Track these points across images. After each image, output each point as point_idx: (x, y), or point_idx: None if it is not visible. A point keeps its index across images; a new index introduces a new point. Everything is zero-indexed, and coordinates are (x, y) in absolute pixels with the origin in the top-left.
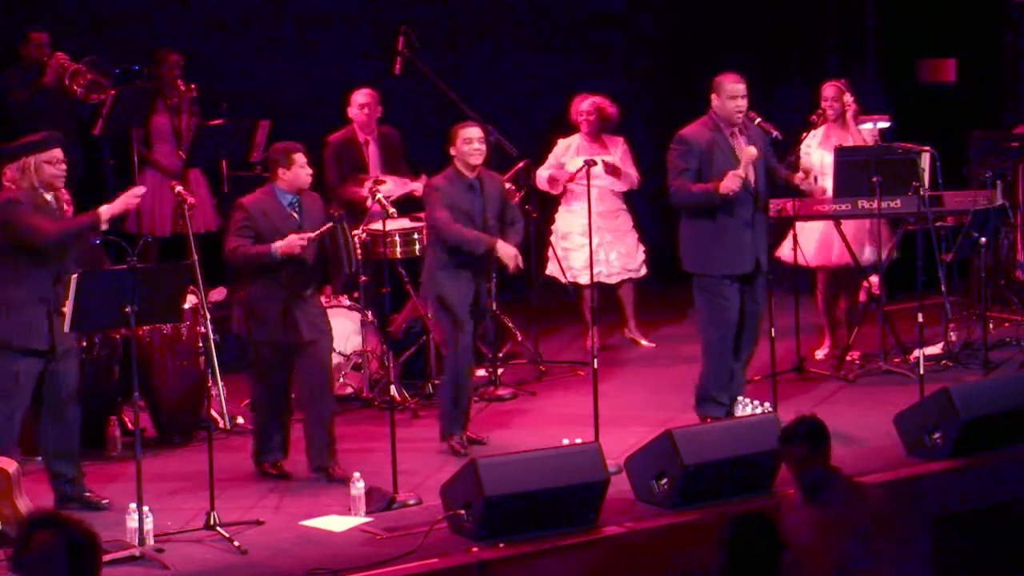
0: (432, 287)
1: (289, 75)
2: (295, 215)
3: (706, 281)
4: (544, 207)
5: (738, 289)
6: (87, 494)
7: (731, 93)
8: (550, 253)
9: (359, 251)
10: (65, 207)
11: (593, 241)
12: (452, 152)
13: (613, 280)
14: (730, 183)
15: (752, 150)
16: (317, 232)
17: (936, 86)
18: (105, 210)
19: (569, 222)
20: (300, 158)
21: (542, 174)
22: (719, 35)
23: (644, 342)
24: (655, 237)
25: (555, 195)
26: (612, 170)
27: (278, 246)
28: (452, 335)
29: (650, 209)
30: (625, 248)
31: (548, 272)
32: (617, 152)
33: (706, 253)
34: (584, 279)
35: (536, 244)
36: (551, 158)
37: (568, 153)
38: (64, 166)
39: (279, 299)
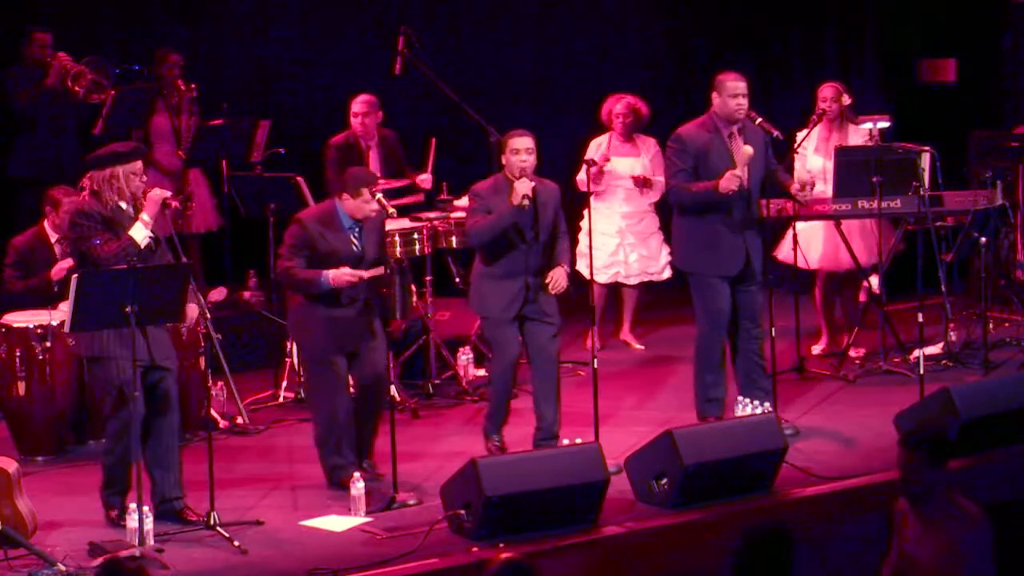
0: (476, 297)
1: (289, 75)
2: (355, 241)
3: (698, 278)
4: (569, 206)
5: (729, 287)
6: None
7: (732, 92)
8: (578, 250)
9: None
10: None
11: (613, 241)
12: (502, 160)
13: (631, 281)
14: (729, 183)
15: (748, 149)
16: (371, 272)
17: (936, 86)
18: (136, 230)
19: (595, 220)
20: (367, 193)
21: (583, 178)
22: (719, 35)
23: (637, 346)
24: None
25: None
26: (643, 183)
27: (329, 276)
28: (495, 345)
29: (664, 212)
30: (647, 250)
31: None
32: (649, 154)
33: (698, 253)
34: (601, 278)
35: None
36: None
37: (599, 152)
38: (145, 177)
39: (328, 312)
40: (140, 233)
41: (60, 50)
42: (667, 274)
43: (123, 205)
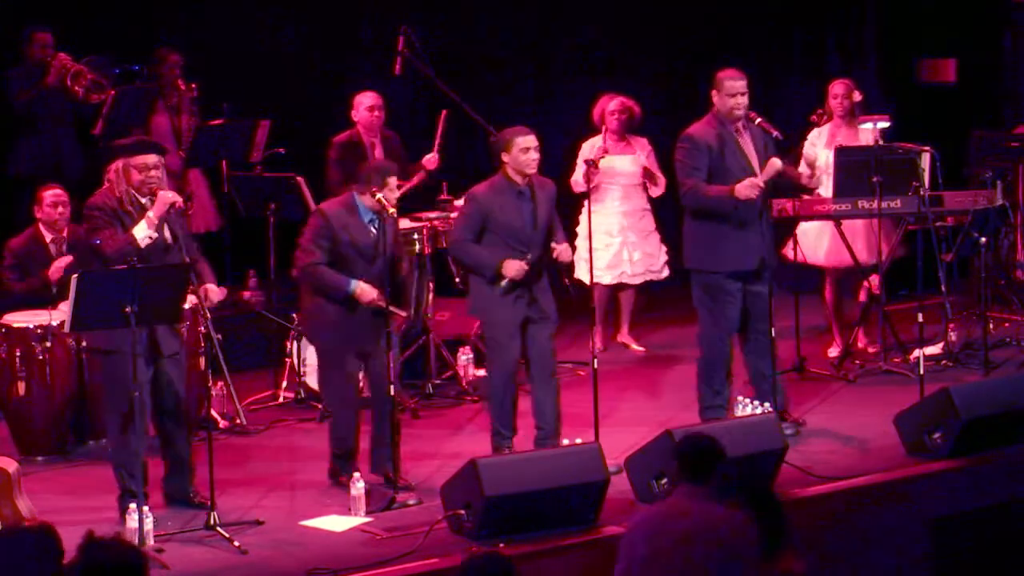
0: (479, 300)
1: (290, 74)
2: (374, 231)
3: (708, 278)
4: (567, 209)
5: (741, 287)
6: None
7: (731, 91)
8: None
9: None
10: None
11: (616, 241)
12: (504, 159)
13: (636, 280)
14: (748, 191)
15: (777, 162)
16: (394, 309)
17: (936, 86)
18: (139, 228)
19: (593, 222)
20: (393, 182)
21: (578, 178)
22: (719, 35)
23: (635, 347)
24: (676, 238)
25: (580, 195)
26: (649, 175)
27: (355, 288)
28: (493, 354)
29: (672, 210)
30: (649, 248)
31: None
32: (643, 153)
33: (711, 250)
34: (606, 279)
35: None
36: (580, 161)
37: (593, 152)
38: (156, 172)
39: (350, 309)
40: (142, 232)
41: (60, 50)
42: (666, 272)
43: (142, 200)
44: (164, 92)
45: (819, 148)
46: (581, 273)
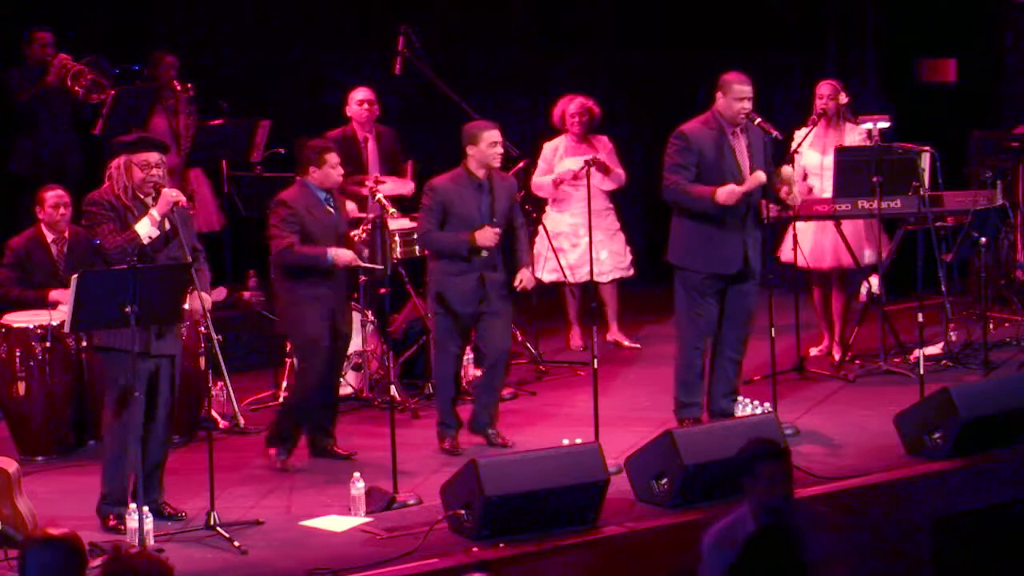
0: (433, 289)
1: (289, 75)
2: (332, 210)
3: (688, 276)
4: (542, 208)
5: (719, 290)
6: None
7: (738, 95)
8: (549, 254)
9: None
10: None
11: (583, 241)
12: (470, 151)
13: (605, 279)
14: (728, 197)
15: (761, 176)
16: (368, 265)
17: (936, 86)
18: (141, 224)
19: (557, 223)
20: (332, 158)
21: (542, 181)
22: (718, 35)
23: (627, 343)
24: (641, 236)
25: (545, 198)
26: (602, 168)
27: (332, 255)
28: (444, 341)
29: (637, 208)
30: (615, 247)
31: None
32: (604, 151)
33: (694, 249)
34: (576, 278)
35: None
36: (541, 163)
37: (556, 155)
38: (158, 170)
39: (329, 299)
40: (144, 228)
41: (60, 50)
42: (632, 271)
43: (143, 197)
44: (160, 93)
45: (805, 150)
46: (542, 273)
